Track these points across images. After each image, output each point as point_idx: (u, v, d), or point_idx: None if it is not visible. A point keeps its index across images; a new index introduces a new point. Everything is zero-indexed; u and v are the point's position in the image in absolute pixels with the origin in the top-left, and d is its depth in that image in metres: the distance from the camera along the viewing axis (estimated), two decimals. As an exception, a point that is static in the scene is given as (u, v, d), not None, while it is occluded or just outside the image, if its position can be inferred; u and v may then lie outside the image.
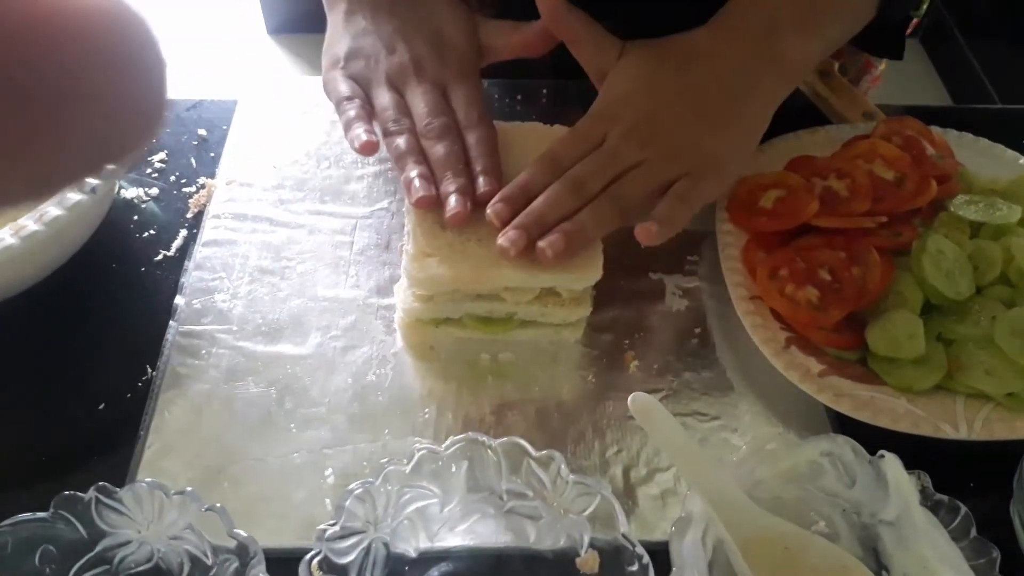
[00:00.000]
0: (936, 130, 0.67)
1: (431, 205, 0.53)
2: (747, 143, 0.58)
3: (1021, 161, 0.67)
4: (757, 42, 0.57)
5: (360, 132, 0.56)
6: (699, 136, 0.55)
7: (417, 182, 0.54)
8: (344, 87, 0.59)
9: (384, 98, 0.58)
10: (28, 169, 0.15)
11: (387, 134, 0.57)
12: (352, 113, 0.57)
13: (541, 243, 0.51)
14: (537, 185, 0.54)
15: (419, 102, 0.57)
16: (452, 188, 0.53)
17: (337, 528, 0.43)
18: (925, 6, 0.67)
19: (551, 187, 0.53)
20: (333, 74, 0.60)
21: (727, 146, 0.56)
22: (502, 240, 0.51)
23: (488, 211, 0.53)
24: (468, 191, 0.54)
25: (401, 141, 0.56)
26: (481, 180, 0.54)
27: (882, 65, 0.83)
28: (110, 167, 0.16)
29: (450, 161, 0.55)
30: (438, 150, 0.55)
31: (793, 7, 0.58)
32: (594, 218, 0.53)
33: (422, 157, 0.56)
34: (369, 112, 0.58)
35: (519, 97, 0.75)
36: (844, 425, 0.53)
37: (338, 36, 0.62)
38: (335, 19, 0.63)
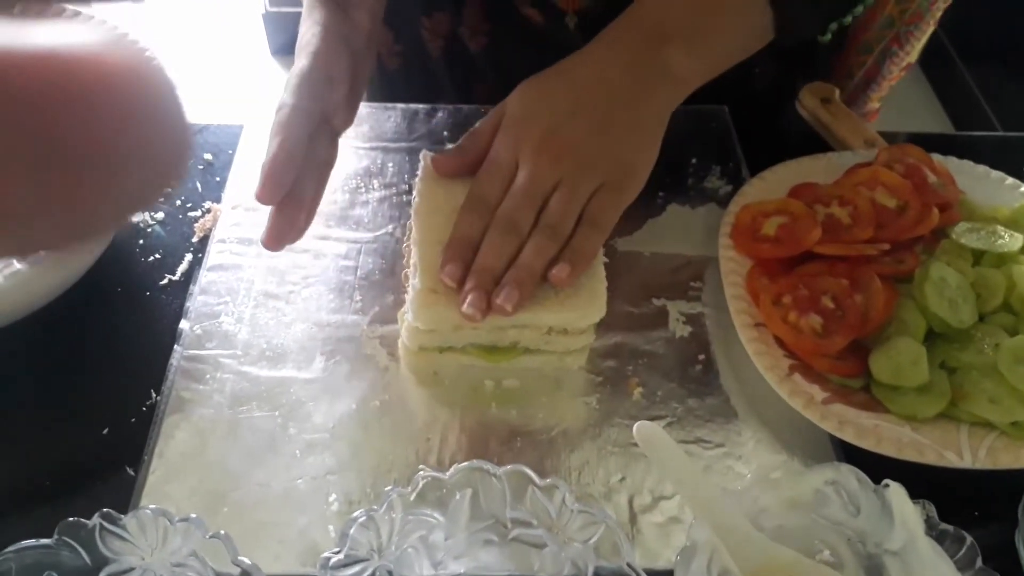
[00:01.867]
0: (937, 157, 0.67)
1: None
2: (652, 147, 0.58)
3: (1023, 189, 0.67)
4: (642, 52, 0.58)
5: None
6: (607, 145, 0.56)
7: None
8: None
9: None
10: (59, 224, 0.15)
11: None
12: None
13: (498, 300, 0.52)
14: (475, 233, 0.54)
15: None
16: None
17: (341, 556, 0.43)
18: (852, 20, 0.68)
19: (489, 235, 0.54)
20: None
21: (633, 151, 0.57)
22: (466, 308, 0.52)
23: (441, 276, 0.53)
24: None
25: None
26: None
27: (875, 103, 0.84)
28: (135, 214, 0.17)
29: None
30: None
31: (679, 21, 0.58)
32: (536, 255, 0.53)
33: None
34: None
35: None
36: (848, 452, 0.53)
37: None
38: None
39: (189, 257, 0.64)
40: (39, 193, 0.15)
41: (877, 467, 0.48)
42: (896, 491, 0.46)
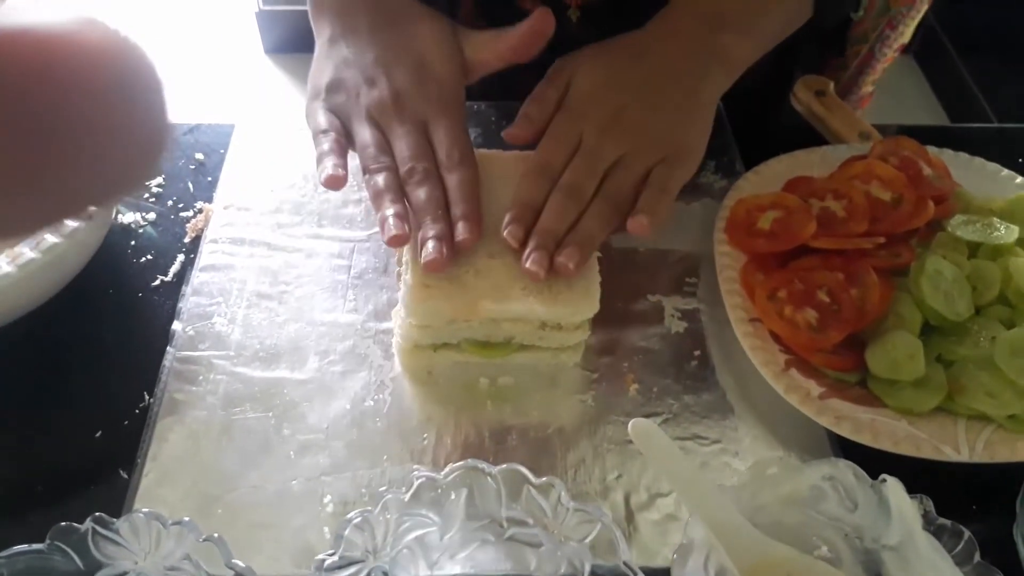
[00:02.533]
0: (932, 150, 0.67)
1: (403, 243, 0.53)
2: (707, 129, 0.60)
3: (1018, 181, 0.67)
4: (702, 38, 0.61)
5: (328, 165, 0.55)
6: (669, 126, 0.58)
7: (392, 221, 0.53)
8: (322, 120, 0.58)
9: (364, 135, 0.57)
10: (36, 203, 0.15)
11: (366, 171, 0.56)
12: (326, 147, 0.56)
13: (560, 259, 0.53)
14: (538, 198, 0.56)
15: (401, 143, 0.57)
16: (431, 234, 0.53)
17: (336, 558, 0.43)
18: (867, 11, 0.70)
19: (552, 199, 0.55)
20: (314, 105, 0.59)
21: (694, 133, 0.60)
22: (529, 265, 0.52)
23: (505, 235, 0.54)
24: (446, 237, 0.53)
25: (380, 179, 0.55)
26: (460, 227, 0.53)
27: (869, 87, 0.84)
28: (114, 198, 0.17)
29: (430, 206, 0.54)
30: (419, 195, 0.55)
31: (734, 7, 0.61)
32: (598, 222, 0.55)
33: (399, 195, 0.55)
34: (344, 146, 0.57)
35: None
36: (845, 447, 0.53)
37: (321, 65, 0.61)
38: (320, 45, 0.62)
39: (181, 258, 0.64)
40: (16, 168, 0.15)
41: (874, 462, 0.48)
42: (893, 486, 0.46)
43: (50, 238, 0.53)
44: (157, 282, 0.62)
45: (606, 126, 0.57)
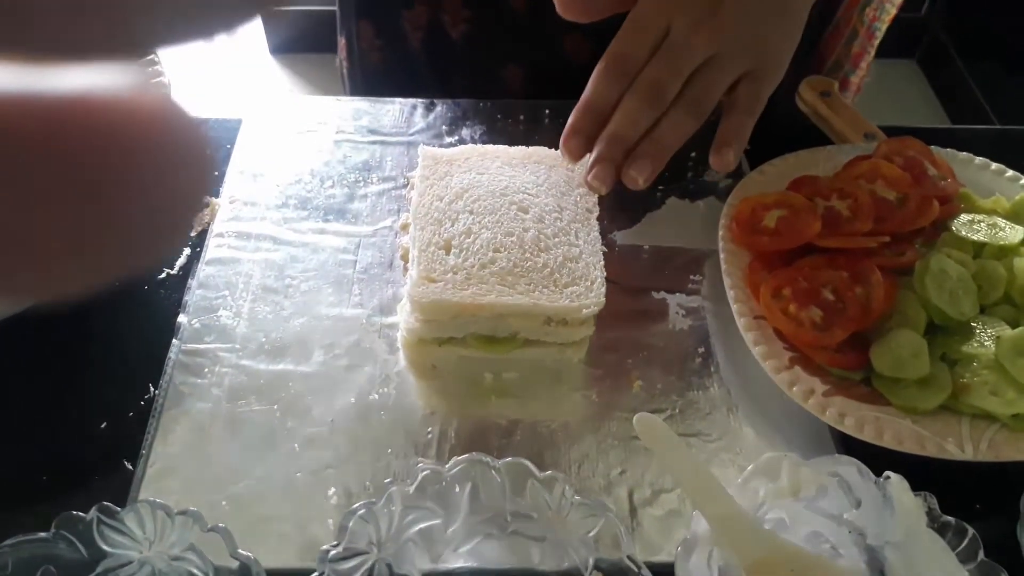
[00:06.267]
0: (937, 150, 0.67)
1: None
2: (797, 35, 0.56)
3: (1023, 181, 0.67)
4: None
5: None
6: (764, 29, 0.54)
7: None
8: None
9: None
10: (76, 268, 0.16)
11: None
12: None
13: (631, 172, 0.49)
14: (610, 98, 0.50)
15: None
16: None
17: (340, 549, 0.43)
18: None
19: (626, 101, 0.50)
20: None
21: (786, 41, 0.55)
22: (591, 179, 0.49)
23: (561, 148, 0.50)
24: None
25: None
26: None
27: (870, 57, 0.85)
28: (160, 249, 0.17)
29: None
30: None
31: None
32: (677, 132, 0.50)
33: None
34: None
35: (521, 117, 0.75)
36: (849, 445, 0.53)
37: None
38: None
39: (187, 251, 0.64)
40: (64, 233, 0.15)
41: (878, 460, 0.48)
42: (897, 483, 0.46)
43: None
44: (163, 275, 0.62)
45: (699, 20, 0.51)
